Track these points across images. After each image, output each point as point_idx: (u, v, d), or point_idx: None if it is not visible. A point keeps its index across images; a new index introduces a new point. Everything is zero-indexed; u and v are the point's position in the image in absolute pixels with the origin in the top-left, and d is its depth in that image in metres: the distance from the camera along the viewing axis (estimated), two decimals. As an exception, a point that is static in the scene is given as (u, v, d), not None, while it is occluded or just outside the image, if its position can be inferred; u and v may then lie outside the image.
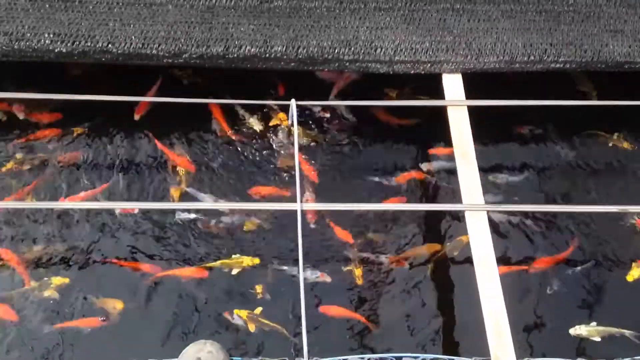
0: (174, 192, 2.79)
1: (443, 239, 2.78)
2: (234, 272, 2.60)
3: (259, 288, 2.57)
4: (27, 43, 2.64)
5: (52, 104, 2.94)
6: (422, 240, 2.78)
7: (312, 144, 3.00)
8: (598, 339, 2.50)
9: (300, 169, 2.61)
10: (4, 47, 2.64)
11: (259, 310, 2.52)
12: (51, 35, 2.66)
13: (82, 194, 2.74)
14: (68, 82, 3.01)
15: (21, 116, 2.93)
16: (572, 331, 2.50)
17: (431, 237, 2.79)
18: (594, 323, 2.52)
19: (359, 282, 2.62)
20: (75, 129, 2.95)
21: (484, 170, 2.69)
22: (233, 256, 2.63)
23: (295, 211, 2.43)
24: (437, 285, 2.66)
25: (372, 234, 2.75)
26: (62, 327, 2.44)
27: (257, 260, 2.62)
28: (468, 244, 2.44)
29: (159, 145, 2.91)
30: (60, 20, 2.70)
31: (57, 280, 2.52)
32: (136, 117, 2.98)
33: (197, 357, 2.03)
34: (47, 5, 2.73)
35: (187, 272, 2.59)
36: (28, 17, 2.68)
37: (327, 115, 3.08)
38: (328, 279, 2.61)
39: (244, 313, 2.49)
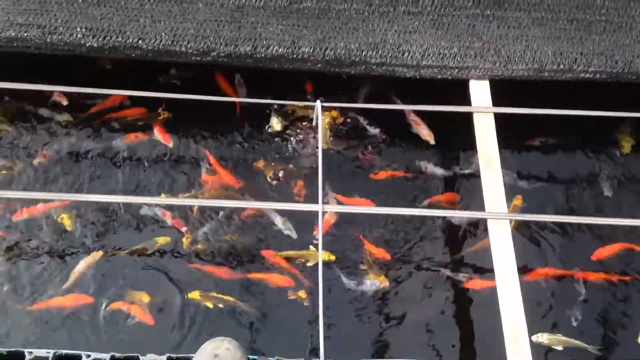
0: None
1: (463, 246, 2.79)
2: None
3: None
4: (60, 37, 2.68)
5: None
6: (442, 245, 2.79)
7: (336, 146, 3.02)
8: (560, 347, 2.50)
9: (322, 170, 2.62)
10: (36, 40, 2.68)
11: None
12: (83, 30, 2.70)
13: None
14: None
15: None
16: (534, 338, 2.48)
17: (451, 243, 2.79)
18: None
19: (383, 285, 2.63)
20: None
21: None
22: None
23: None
24: (456, 292, 2.66)
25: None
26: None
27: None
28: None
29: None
30: (93, 15, 2.75)
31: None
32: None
33: (215, 353, 2.04)
34: (80, 0, 2.77)
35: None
36: (61, 11, 2.73)
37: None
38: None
39: None
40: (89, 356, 2.09)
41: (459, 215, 2.74)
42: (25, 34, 2.66)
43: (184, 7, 2.83)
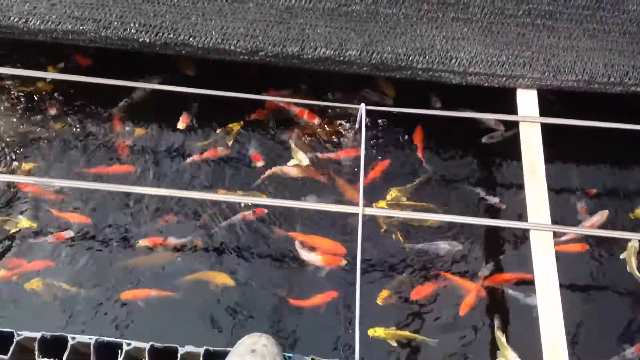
0: None
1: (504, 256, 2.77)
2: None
3: None
4: (114, 31, 2.74)
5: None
6: (482, 255, 2.76)
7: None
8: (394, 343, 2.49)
9: (364, 173, 2.62)
10: (91, 34, 2.75)
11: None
12: (137, 25, 2.76)
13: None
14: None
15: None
16: (371, 332, 2.49)
17: (492, 253, 2.77)
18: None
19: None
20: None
21: (552, 189, 2.63)
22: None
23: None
24: (494, 301, 2.63)
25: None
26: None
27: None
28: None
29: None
30: (146, 11, 2.80)
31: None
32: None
33: (252, 349, 2.07)
34: (135, -4, 2.85)
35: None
36: (116, 6, 2.80)
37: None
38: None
39: None
40: (129, 344, 2.13)
41: (501, 224, 2.71)
42: (81, 27, 2.73)
43: (235, 6, 2.87)
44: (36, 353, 2.10)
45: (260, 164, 2.96)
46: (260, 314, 2.55)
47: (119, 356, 2.11)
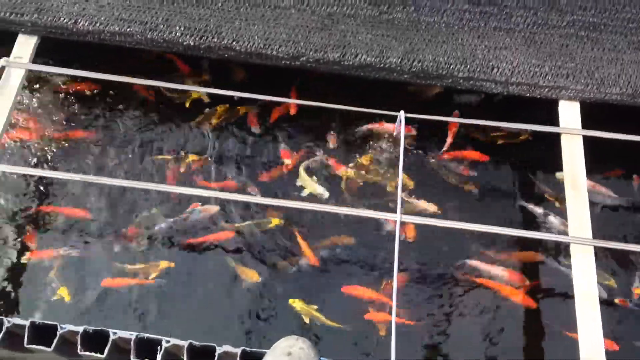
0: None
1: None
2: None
3: None
4: (160, 34, 2.80)
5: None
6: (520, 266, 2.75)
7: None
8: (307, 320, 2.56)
9: (402, 181, 2.62)
10: (137, 36, 2.81)
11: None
12: (182, 29, 2.81)
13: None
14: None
15: None
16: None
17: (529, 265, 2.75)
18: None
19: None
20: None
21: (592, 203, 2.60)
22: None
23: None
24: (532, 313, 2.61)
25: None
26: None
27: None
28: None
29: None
30: (192, 15, 2.85)
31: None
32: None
33: (289, 351, 2.07)
34: (181, 0, 2.89)
35: None
36: (163, 10, 2.85)
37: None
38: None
39: None
40: (168, 341, 2.17)
41: (540, 237, 2.69)
42: (128, 29, 2.79)
43: (277, 12, 2.91)
44: (78, 347, 2.15)
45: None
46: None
47: (158, 353, 2.15)
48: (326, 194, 2.92)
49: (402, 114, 2.78)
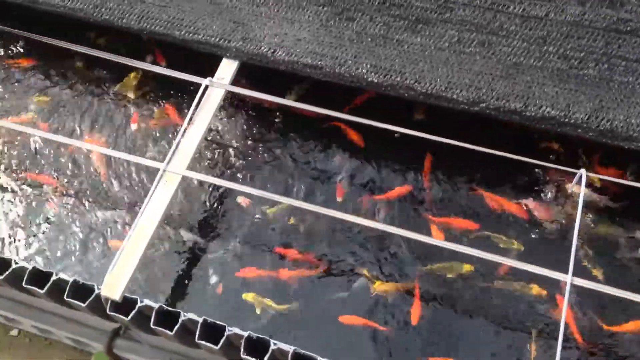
0: None
1: None
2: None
3: None
4: (347, 69, 2.95)
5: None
6: None
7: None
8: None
9: (578, 240, 2.50)
10: (327, 69, 2.99)
11: None
12: (368, 66, 2.95)
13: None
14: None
15: None
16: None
17: None
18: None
19: None
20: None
21: None
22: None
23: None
24: None
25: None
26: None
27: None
28: None
29: None
30: (378, 54, 2.99)
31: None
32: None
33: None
34: (369, 39, 3.04)
35: None
36: (352, 47, 3.01)
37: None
38: None
39: None
40: (275, 344, 2.24)
41: None
42: (319, 62, 2.98)
43: (462, 57, 2.94)
44: (196, 335, 2.30)
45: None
46: None
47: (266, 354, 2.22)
48: None
49: (583, 172, 2.66)
